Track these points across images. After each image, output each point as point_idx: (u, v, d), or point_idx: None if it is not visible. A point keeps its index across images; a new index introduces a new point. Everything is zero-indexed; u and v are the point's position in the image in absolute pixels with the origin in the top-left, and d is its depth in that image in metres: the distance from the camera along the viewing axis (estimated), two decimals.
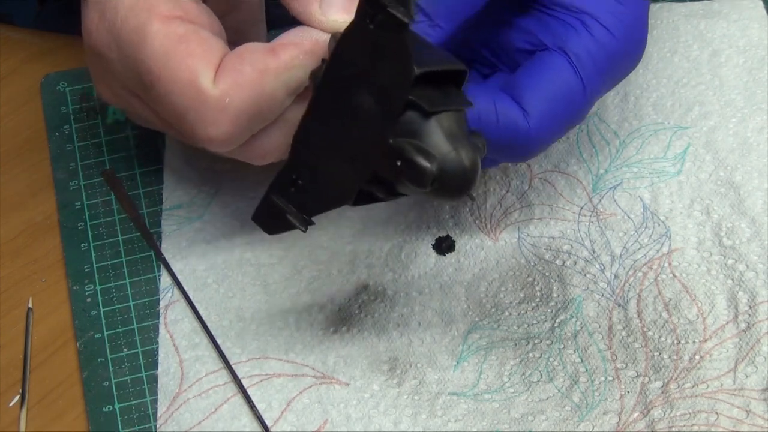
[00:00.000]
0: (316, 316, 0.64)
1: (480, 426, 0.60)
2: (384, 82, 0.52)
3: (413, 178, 0.52)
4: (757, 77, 0.71)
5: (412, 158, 0.52)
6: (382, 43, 0.52)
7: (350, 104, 0.54)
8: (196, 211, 0.68)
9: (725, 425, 0.59)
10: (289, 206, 0.57)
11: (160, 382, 0.62)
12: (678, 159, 0.68)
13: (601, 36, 0.60)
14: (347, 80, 0.54)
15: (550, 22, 0.61)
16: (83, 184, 0.69)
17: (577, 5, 0.61)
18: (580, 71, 0.60)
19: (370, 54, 0.52)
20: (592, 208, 0.67)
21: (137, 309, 0.65)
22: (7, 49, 0.75)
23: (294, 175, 0.56)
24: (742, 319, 0.62)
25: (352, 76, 0.53)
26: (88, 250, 0.67)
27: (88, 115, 0.72)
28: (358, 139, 0.54)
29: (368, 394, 0.61)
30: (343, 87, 0.54)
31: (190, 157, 0.70)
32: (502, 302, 0.64)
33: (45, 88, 0.73)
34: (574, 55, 0.60)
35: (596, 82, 0.61)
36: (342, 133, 0.54)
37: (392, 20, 0.51)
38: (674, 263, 0.64)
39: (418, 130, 0.53)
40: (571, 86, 0.60)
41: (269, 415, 0.61)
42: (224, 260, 0.66)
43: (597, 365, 0.61)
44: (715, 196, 0.66)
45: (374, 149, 0.53)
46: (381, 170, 0.54)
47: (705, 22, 0.73)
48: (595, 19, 0.60)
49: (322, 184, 0.56)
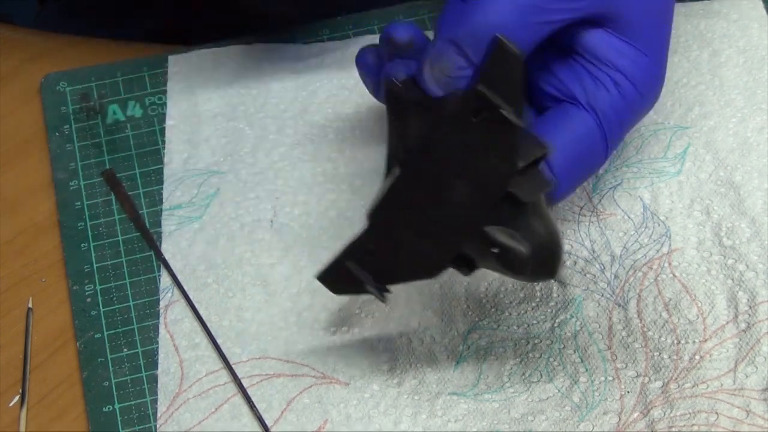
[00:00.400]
0: (317, 316, 0.64)
1: (480, 426, 0.60)
2: (483, 173, 0.54)
3: (511, 265, 0.55)
4: (757, 77, 0.71)
5: (509, 246, 0.55)
6: (485, 138, 0.53)
7: (440, 188, 0.55)
8: (195, 212, 0.68)
9: (725, 425, 0.59)
10: (368, 276, 0.58)
11: (160, 382, 0.62)
12: (678, 159, 0.68)
13: (630, 94, 0.61)
14: (438, 165, 0.55)
15: (583, 75, 0.61)
16: (83, 184, 0.69)
17: (611, 60, 0.61)
18: (606, 130, 0.61)
19: (469, 145, 0.54)
20: (592, 208, 0.67)
21: (137, 309, 0.65)
22: (7, 49, 0.75)
23: (371, 246, 0.58)
24: (742, 319, 0.62)
25: (444, 162, 0.55)
26: (88, 250, 0.67)
27: (88, 115, 0.72)
28: (447, 223, 0.55)
29: (368, 394, 0.61)
30: (433, 171, 0.55)
31: (190, 157, 0.70)
32: (501, 302, 0.64)
33: (45, 88, 0.73)
34: (602, 114, 0.60)
35: (618, 138, 0.62)
36: (427, 214, 0.56)
37: (503, 121, 0.52)
38: (674, 263, 0.64)
39: (512, 217, 0.55)
40: (597, 146, 0.61)
41: (269, 414, 0.61)
42: (224, 260, 0.66)
43: (597, 365, 0.61)
44: (715, 196, 0.66)
45: (465, 234, 0.55)
46: (471, 253, 0.56)
47: (705, 22, 0.73)
48: (627, 78, 0.61)
49: (402, 258, 0.57)
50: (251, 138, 0.71)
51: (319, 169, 0.69)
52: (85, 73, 0.74)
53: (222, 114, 0.72)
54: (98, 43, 0.77)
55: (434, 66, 0.57)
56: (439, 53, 0.57)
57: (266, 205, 0.68)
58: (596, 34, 0.61)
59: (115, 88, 0.73)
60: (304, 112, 0.72)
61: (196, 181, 0.69)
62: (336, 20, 0.76)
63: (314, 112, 0.72)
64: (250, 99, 0.73)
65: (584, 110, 0.61)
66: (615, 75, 0.61)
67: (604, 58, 0.61)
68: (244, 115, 0.72)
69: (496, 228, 0.55)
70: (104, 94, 0.73)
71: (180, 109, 0.72)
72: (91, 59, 0.75)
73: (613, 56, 0.61)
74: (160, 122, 0.72)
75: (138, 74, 0.74)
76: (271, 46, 0.75)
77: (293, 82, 0.73)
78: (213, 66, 0.74)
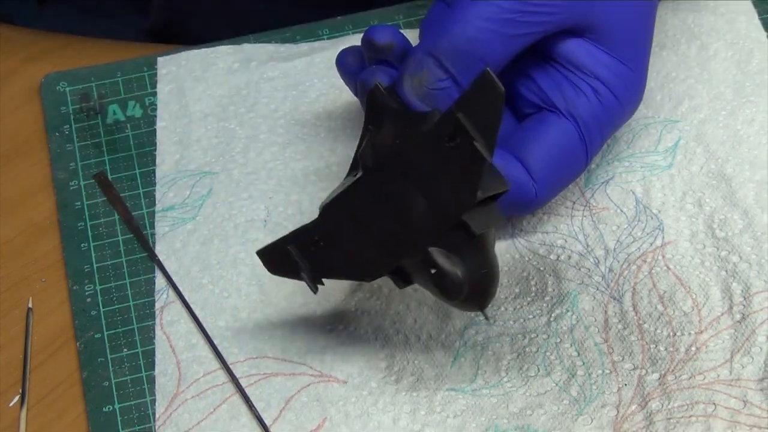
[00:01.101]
0: (313, 314, 0.64)
1: (479, 421, 0.60)
2: (443, 196, 0.55)
3: (445, 289, 0.57)
4: (745, 70, 0.71)
5: (447, 271, 0.56)
6: (453, 163, 0.54)
7: (397, 200, 0.56)
8: (188, 213, 0.68)
9: (723, 416, 0.59)
10: (305, 263, 0.59)
11: (158, 383, 0.62)
12: (669, 152, 0.68)
13: (609, 102, 0.62)
14: (402, 177, 0.56)
15: (563, 84, 0.62)
16: (83, 184, 0.69)
17: (589, 68, 0.62)
18: (585, 137, 0.62)
19: (436, 166, 0.55)
20: (585, 203, 0.67)
21: (137, 309, 0.65)
22: (7, 49, 0.75)
23: (317, 236, 0.59)
24: (736, 310, 0.62)
25: (409, 176, 0.56)
26: (88, 250, 0.67)
27: (88, 115, 0.72)
28: (394, 234, 0.57)
29: (366, 392, 0.61)
30: (395, 182, 0.56)
31: (182, 159, 0.70)
32: (497, 298, 0.64)
33: (45, 88, 0.73)
34: (582, 122, 0.61)
35: (598, 145, 0.63)
36: (378, 222, 0.57)
37: (473, 152, 0.53)
38: (668, 256, 0.65)
39: (457, 243, 0.56)
40: (577, 152, 0.62)
41: (268, 414, 0.61)
42: (218, 261, 0.66)
43: (594, 358, 0.61)
44: (706, 188, 0.67)
45: (409, 249, 0.57)
46: (410, 268, 0.57)
47: (693, 15, 0.74)
48: (606, 86, 0.62)
49: (342, 256, 0.59)
50: (242, 138, 0.71)
51: (312, 168, 0.69)
52: (85, 73, 0.74)
53: (212, 114, 0.72)
54: (98, 43, 0.77)
55: (414, 77, 0.59)
56: (418, 65, 0.59)
57: (259, 204, 0.68)
58: (574, 43, 0.62)
59: (115, 88, 0.73)
60: (295, 112, 0.72)
61: (189, 182, 0.69)
62: (336, 20, 0.76)
63: (305, 112, 0.72)
64: (240, 99, 0.73)
65: (564, 118, 0.62)
66: (594, 83, 0.62)
67: (582, 67, 0.62)
68: (235, 115, 0.72)
69: (439, 250, 0.56)
70: (104, 94, 0.73)
71: (170, 111, 0.72)
72: (91, 59, 0.75)
73: (592, 65, 0.62)
74: None
75: (138, 74, 0.74)
76: (259, 46, 0.75)
77: (283, 82, 0.73)
78: (202, 67, 0.74)
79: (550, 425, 0.59)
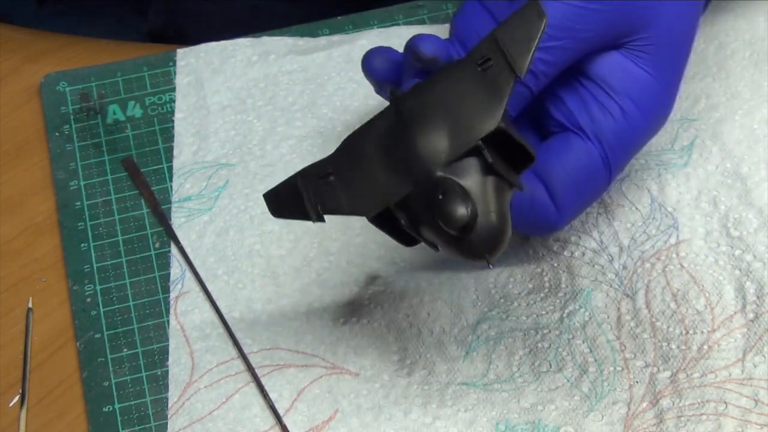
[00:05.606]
0: (326, 307, 0.64)
1: (490, 415, 0.60)
2: (464, 119, 0.54)
3: (445, 215, 0.53)
4: (763, 69, 0.71)
5: (453, 197, 0.53)
6: (483, 85, 0.53)
7: (421, 124, 0.55)
8: (205, 204, 0.68)
9: (734, 414, 0.59)
10: (310, 194, 0.57)
11: (171, 372, 0.62)
12: (685, 151, 0.68)
13: (636, 121, 0.61)
14: (428, 104, 0.55)
15: (590, 103, 0.61)
16: (83, 184, 0.69)
17: (622, 87, 0.60)
18: (610, 159, 0.61)
19: (463, 90, 0.54)
20: (600, 200, 0.67)
21: (137, 309, 0.65)
22: (7, 49, 0.75)
23: (330, 169, 0.57)
24: (750, 309, 0.62)
25: (434, 102, 0.55)
26: (88, 250, 0.67)
27: (88, 115, 0.72)
28: (411, 157, 0.55)
29: (378, 384, 0.61)
30: (422, 107, 0.55)
31: (199, 150, 0.70)
32: (510, 293, 0.64)
33: (45, 88, 0.73)
34: (607, 143, 0.60)
35: (622, 164, 0.62)
36: (397, 146, 0.56)
37: (505, 69, 0.53)
38: (682, 254, 0.65)
39: (470, 177, 0.54)
40: (600, 176, 0.61)
41: (280, 404, 0.61)
42: (234, 252, 0.66)
43: (606, 355, 0.61)
44: (722, 187, 0.67)
45: (422, 173, 0.54)
46: (419, 194, 0.54)
47: (711, 15, 0.73)
48: (635, 105, 0.61)
49: (352, 189, 0.57)
50: (260, 131, 0.71)
51: None
52: (85, 73, 0.74)
53: (230, 106, 0.72)
54: (98, 43, 0.77)
55: None
56: None
57: None
58: (611, 58, 0.61)
59: (115, 88, 0.73)
60: (313, 105, 0.72)
61: (206, 173, 0.69)
62: (336, 20, 0.76)
63: (322, 105, 0.72)
64: (258, 92, 0.73)
65: (588, 141, 0.61)
66: (624, 102, 0.60)
67: (615, 85, 0.61)
68: (253, 108, 0.72)
69: (454, 179, 0.54)
70: (104, 94, 0.73)
71: (188, 102, 0.73)
72: (91, 59, 0.75)
73: (625, 83, 0.60)
74: (160, 122, 0.72)
75: (138, 74, 0.74)
76: (278, 39, 0.75)
77: (301, 75, 0.73)
78: (220, 59, 0.74)
79: (560, 421, 0.60)
